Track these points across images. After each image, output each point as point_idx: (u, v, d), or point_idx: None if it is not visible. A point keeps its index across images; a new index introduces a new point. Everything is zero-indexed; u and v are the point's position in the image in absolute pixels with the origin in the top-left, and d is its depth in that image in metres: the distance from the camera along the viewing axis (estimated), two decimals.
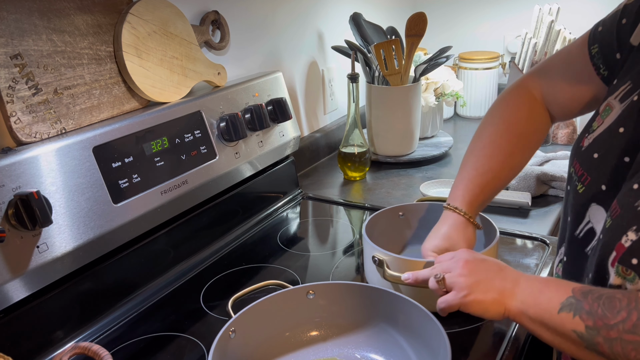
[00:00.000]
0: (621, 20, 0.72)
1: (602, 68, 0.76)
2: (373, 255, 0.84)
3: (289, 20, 1.40)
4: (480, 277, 0.69)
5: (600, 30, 0.76)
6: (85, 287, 0.86)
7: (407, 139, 1.48)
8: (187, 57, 1.02)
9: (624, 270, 0.58)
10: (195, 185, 0.99)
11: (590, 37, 0.78)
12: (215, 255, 1.07)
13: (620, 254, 0.58)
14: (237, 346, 0.71)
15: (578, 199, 0.71)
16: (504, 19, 1.93)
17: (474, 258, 0.72)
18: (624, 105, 0.67)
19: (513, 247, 1.04)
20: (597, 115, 0.72)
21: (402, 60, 1.40)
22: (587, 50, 0.78)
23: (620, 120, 0.67)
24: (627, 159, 0.65)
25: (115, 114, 0.92)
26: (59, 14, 0.84)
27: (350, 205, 1.28)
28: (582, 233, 0.71)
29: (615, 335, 0.55)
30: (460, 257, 0.72)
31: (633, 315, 0.54)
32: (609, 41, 0.74)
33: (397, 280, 0.79)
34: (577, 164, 0.72)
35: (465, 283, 0.69)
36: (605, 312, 0.56)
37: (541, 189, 1.23)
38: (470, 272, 0.70)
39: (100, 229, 0.83)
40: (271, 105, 1.16)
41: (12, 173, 0.73)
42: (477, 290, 0.68)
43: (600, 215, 0.67)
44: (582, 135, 0.74)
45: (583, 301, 0.58)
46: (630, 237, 0.57)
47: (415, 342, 0.73)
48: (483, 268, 0.70)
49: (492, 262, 0.71)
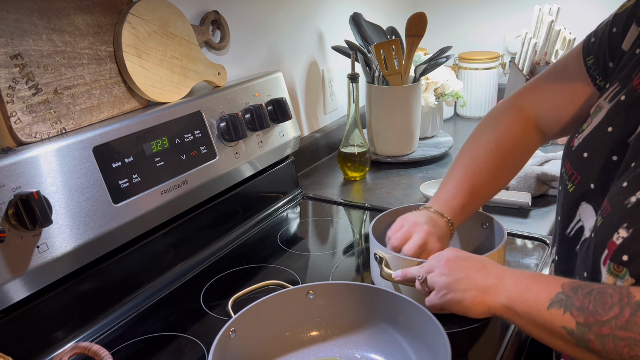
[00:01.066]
0: (612, 29, 0.73)
1: (598, 79, 0.76)
2: (375, 252, 0.85)
3: (289, 20, 1.40)
4: (460, 276, 0.68)
5: (593, 41, 0.77)
6: (86, 287, 0.86)
7: (407, 139, 1.48)
8: (187, 57, 1.02)
9: (615, 268, 0.58)
10: (195, 185, 0.99)
11: (584, 49, 0.78)
12: (215, 255, 1.07)
13: (612, 251, 0.58)
14: (237, 346, 0.71)
15: (568, 198, 0.72)
16: (504, 19, 1.93)
17: (455, 256, 0.71)
18: (611, 104, 0.68)
19: (513, 247, 1.04)
20: (587, 117, 0.73)
21: (402, 60, 1.40)
22: (582, 62, 0.78)
23: (608, 120, 0.68)
24: (615, 158, 0.65)
25: (115, 114, 0.92)
26: (59, 14, 0.84)
27: (350, 205, 1.28)
28: (573, 232, 0.72)
29: (607, 332, 0.54)
30: (442, 257, 0.72)
31: (626, 311, 0.53)
32: (602, 51, 0.74)
33: (389, 277, 0.80)
34: (568, 164, 0.73)
35: (443, 282, 0.69)
36: (596, 308, 0.55)
37: (541, 189, 1.23)
38: (450, 270, 0.70)
39: (100, 229, 0.83)
40: (271, 105, 1.16)
41: (12, 173, 0.73)
42: (456, 289, 0.68)
43: (589, 214, 0.68)
44: (572, 135, 0.75)
45: (573, 297, 0.57)
46: (622, 234, 0.58)
47: (415, 342, 0.73)
48: (463, 266, 0.69)
49: (475, 260, 0.70)
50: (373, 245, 0.87)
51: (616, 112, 0.67)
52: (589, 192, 0.68)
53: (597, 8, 1.71)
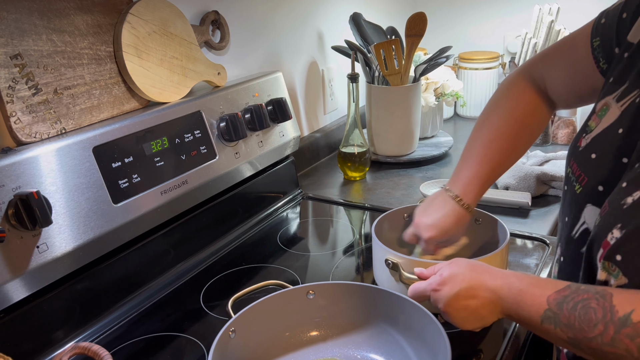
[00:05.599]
0: (622, 13, 0.71)
1: (601, 61, 0.75)
2: (386, 258, 0.83)
3: (289, 20, 1.40)
4: (451, 309, 0.70)
5: (603, 23, 0.75)
6: (85, 287, 0.86)
7: (407, 139, 1.48)
8: (187, 57, 1.02)
9: (609, 266, 0.58)
10: (195, 185, 0.99)
11: (593, 30, 0.77)
12: (215, 255, 1.07)
13: (606, 250, 0.58)
14: (237, 346, 0.71)
15: (575, 200, 0.71)
16: (504, 19, 1.93)
17: (449, 276, 0.71)
18: (623, 106, 0.67)
19: (513, 247, 1.04)
20: (593, 114, 0.72)
21: (402, 60, 1.40)
22: (589, 42, 0.77)
23: (619, 122, 0.67)
24: (625, 160, 0.64)
25: (115, 114, 0.92)
26: (59, 14, 0.84)
27: (350, 205, 1.28)
28: (578, 234, 0.71)
29: (596, 347, 0.56)
30: (438, 277, 0.72)
31: (610, 328, 0.54)
32: (610, 34, 0.73)
33: (414, 281, 0.78)
34: (575, 165, 0.72)
35: (441, 308, 0.71)
36: (582, 326, 0.56)
37: (541, 189, 1.23)
38: (439, 298, 0.71)
39: (100, 229, 0.83)
40: (271, 105, 1.16)
41: (12, 173, 0.73)
42: (452, 316, 0.70)
43: (595, 216, 0.67)
44: (579, 135, 0.73)
45: (560, 314, 0.59)
46: (615, 234, 0.58)
47: (415, 342, 0.73)
48: (453, 298, 0.69)
49: (466, 287, 0.69)
50: (380, 249, 0.86)
51: (628, 114, 0.66)
52: (596, 194, 0.67)
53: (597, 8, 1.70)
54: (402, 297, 0.74)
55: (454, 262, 0.73)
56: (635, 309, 0.53)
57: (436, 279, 0.72)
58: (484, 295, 0.67)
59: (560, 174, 1.21)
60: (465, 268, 0.71)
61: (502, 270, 0.69)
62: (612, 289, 0.57)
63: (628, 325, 0.53)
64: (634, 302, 0.54)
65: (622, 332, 0.53)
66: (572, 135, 1.57)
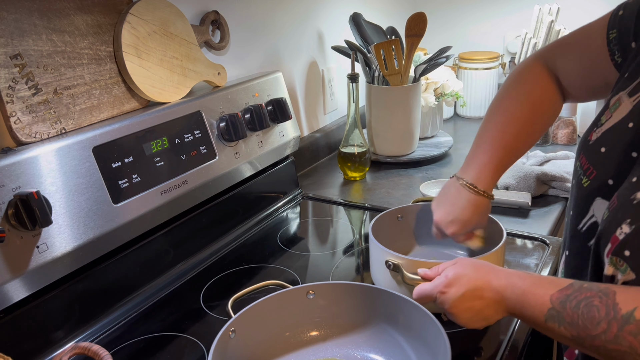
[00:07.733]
0: None
1: (617, 55, 0.74)
2: (387, 260, 0.83)
3: (289, 20, 1.40)
4: (457, 310, 0.70)
5: (621, 15, 0.74)
6: (85, 287, 0.86)
7: (407, 139, 1.48)
8: (187, 57, 1.02)
9: (617, 262, 0.58)
10: (195, 185, 0.99)
11: (610, 21, 0.76)
12: (215, 255, 1.07)
13: (615, 245, 0.58)
14: (237, 346, 0.71)
15: (582, 193, 0.71)
16: (504, 19, 1.93)
17: (454, 277, 0.71)
18: (635, 100, 0.66)
19: (513, 247, 1.04)
20: (606, 109, 0.71)
21: (402, 60, 1.40)
22: (605, 34, 0.76)
23: (630, 116, 0.66)
24: (634, 154, 0.64)
25: (115, 114, 0.92)
26: (59, 14, 0.84)
27: (350, 205, 1.28)
28: (585, 227, 0.71)
29: (599, 344, 0.56)
30: (444, 279, 0.72)
31: (613, 326, 0.55)
32: (628, 27, 0.72)
33: (417, 282, 0.78)
34: (584, 158, 0.71)
35: (447, 309, 0.71)
36: (585, 324, 0.57)
37: (541, 189, 1.23)
38: (445, 300, 0.71)
39: (100, 229, 0.83)
40: (271, 105, 1.16)
41: (12, 173, 0.73)
42: (458, 317, 0.70)
43: (604, 209, 0.67)
44: (590, 129, 0.73)
45: (563, 312, 0.59)
46: (624, 229, 0.58)
47: (415, 342, 0.73)
48: (459, 300, 0.69)
49: (471, 288, 0.69)
50: (378, 250, 0.86)
51: (639, 108, 0.65)
52: (606, 187, 0.67)
53: (597, 8, 1.71)
54: (402, 297, 0.74)
55: (458, 262, 0.73)
56: (638, 307, 0.53)
57: (442, 281, 0.71)
58: (489, 296, 0.68)
59: (561, 174, 1.21)
60: (470, 268, 0.71)
61: (505, 269, 0.70)
62: (615, 287, 0.57)
63: (631, 323, 0.53)
64: (637, 300, 0.54)
65: (625, 329, 0.54)
66: (572, 135, 1.57)
